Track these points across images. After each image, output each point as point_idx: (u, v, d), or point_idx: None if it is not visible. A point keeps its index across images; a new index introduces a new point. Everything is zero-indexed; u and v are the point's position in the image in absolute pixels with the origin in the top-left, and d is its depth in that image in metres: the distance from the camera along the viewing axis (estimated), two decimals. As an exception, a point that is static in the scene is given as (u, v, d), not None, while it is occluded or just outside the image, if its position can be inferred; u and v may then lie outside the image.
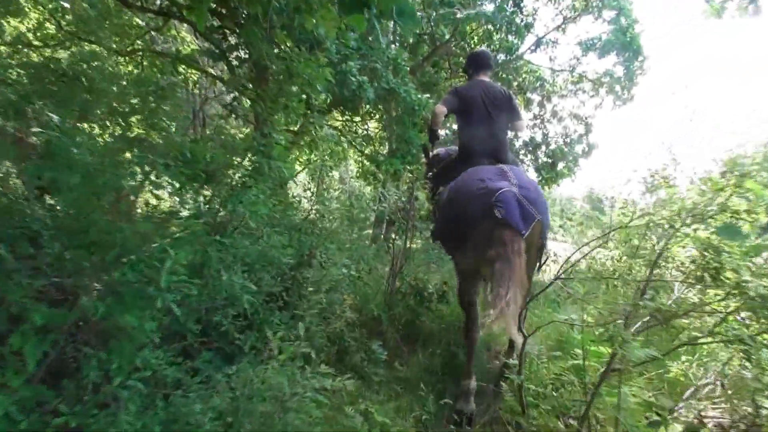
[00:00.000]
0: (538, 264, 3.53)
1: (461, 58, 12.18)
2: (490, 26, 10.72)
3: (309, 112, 4.34)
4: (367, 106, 7.57)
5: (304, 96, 3.92)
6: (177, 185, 2.69)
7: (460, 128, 3.97)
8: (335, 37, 4.92)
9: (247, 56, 4.73)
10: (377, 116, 9.36)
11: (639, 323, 2.68)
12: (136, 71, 6.46)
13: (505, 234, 2.81)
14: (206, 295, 2.55)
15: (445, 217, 3.53)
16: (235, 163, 3.26)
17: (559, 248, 7.51)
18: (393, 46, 7.60)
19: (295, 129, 6.19)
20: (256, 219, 3.13)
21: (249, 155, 3.35)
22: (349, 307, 3.81)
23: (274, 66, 3.73)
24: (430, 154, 4.89)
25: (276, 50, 3.86)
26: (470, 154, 3.79)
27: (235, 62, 4.94)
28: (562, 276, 3.11)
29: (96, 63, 2.89)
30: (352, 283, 4.08)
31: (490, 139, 3.78)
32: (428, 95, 7.53)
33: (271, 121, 3.62)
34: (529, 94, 12.00)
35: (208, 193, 3.11)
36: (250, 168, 3.27)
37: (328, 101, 6.12)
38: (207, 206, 3.02)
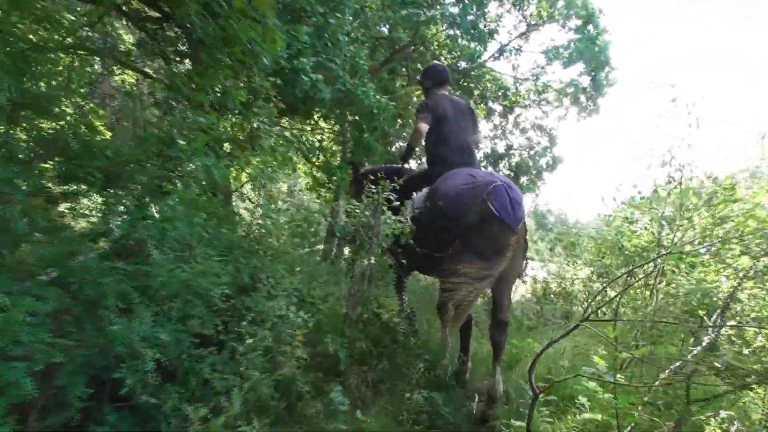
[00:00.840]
0: (523, 265, 3.64)
1: (419, 65, 11.54)
2: (451, 31, 10.11)
3: (253, 99, 3.50)
4: (322, 110, 6.74)
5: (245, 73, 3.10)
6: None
7: (433, 141, 3.91)
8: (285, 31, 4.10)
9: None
10: (332, 122, 8.50)
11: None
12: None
13: (498, 227, 2.89)
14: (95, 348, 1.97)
15: (429, 219, 3.48)
16: (146, 160, 2.43)
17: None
18: (350, 47, 6.79)
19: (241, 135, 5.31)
20: (171, 237, 2.30)
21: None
22: (300, 344, 3.11)
23: (205, 30, 2.82)
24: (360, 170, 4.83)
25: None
26: (444, 165, 3.76)
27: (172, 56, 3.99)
28: (590, 316, 2.30)
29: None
30: (305, 311, 3.25)
31: (462, 151, 3.83)
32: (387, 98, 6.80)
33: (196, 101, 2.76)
34: (491, 104, 11.46)
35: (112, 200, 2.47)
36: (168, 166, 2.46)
37: (276, 104, 5.21)
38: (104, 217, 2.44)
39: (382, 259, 3.99)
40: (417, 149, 4.12)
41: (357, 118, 6.88)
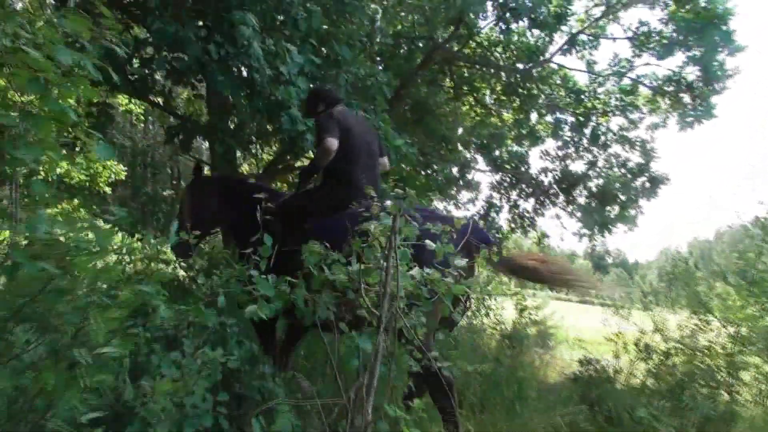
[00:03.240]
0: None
1: (465, 71, 9.34)
2: (502, 24, 7.88)
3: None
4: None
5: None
6: None
7: (337, 158, 3.22)
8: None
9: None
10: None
11: None
12: None
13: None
14: None
15: None
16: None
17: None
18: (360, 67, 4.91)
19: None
20: None
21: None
22: None
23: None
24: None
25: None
26: (350, 186, 3.25)
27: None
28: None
29: None
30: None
31: (371, 172, 3.42)
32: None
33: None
34: (558, 114, 9.02)
35: None
36: None
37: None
38: None
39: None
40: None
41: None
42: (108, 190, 12.45)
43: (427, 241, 2.14)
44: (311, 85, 3.96)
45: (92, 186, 11.84)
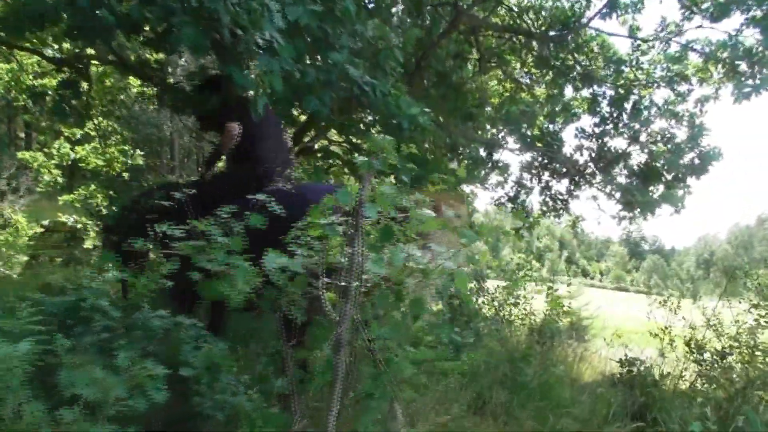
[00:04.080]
0: None
1: (494, 41, 8.64)
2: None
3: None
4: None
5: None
6: None
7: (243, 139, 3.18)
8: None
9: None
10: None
11: None
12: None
13: None
14: None
15: None
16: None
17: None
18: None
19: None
20: None
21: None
22: None
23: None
24: None
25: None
26: (259, 166, 3.17)
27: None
28: None
29: None
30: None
31: (281, 153, 3.37)
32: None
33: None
34: (596, 87, 8.25)
35: None
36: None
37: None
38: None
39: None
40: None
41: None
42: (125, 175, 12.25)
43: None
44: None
45: (109, 171, 11.66)
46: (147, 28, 3.47)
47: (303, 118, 6.48)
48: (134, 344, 2.05)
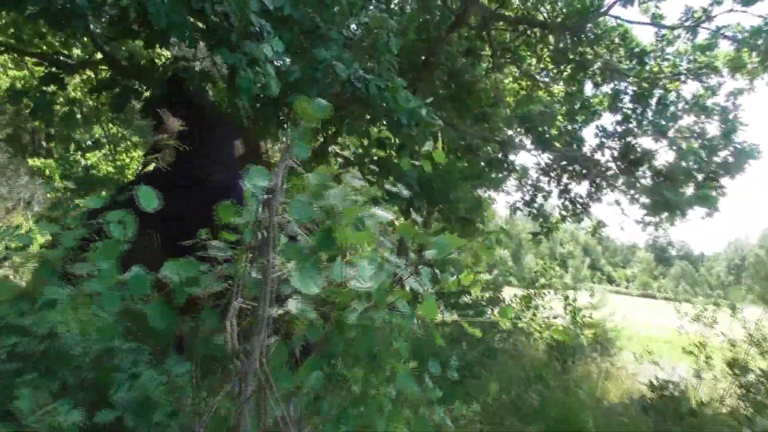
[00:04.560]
0: None
1: (507, 34, 8.17)
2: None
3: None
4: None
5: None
6: None
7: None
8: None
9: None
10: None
11: None
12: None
13: None
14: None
15: None
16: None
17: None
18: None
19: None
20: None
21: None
22: None
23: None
24: None
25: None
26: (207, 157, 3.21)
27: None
28: None
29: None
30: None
31: (225, 154, 3.39)
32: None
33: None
34: (618, 82, 7.72)
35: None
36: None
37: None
38: None
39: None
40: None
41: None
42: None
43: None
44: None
45: (120, 177, 11.59)
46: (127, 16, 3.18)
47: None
48: (49, 377, 1.66)
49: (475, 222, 8.80)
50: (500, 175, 9.17)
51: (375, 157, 5.94)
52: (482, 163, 8.85)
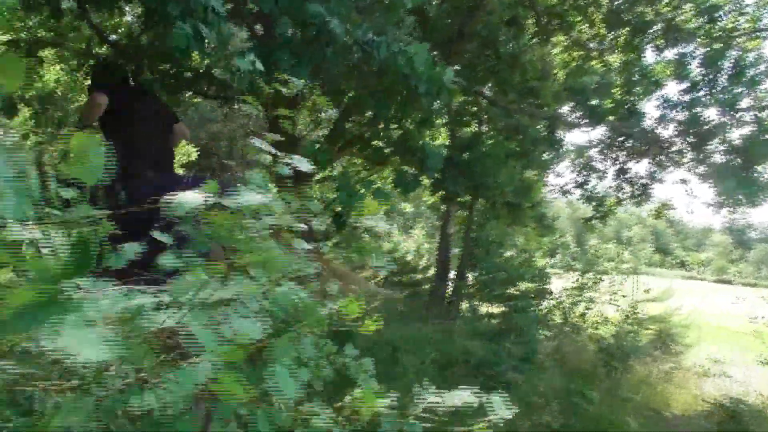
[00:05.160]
0: None
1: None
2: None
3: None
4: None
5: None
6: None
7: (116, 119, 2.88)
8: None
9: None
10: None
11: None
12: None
13: None
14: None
15: None
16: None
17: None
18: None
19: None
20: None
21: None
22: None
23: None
24: None
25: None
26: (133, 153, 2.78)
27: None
28: None
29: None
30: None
31: (158, 139, 3.05)
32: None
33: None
34: (683, 47, 6.80)
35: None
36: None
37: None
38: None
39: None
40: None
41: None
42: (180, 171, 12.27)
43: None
44: None
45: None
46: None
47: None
48: None
49: (524, 206, 8.20)
50: (550, 155, 8.46)
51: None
52: (529, 143, 8.17)
